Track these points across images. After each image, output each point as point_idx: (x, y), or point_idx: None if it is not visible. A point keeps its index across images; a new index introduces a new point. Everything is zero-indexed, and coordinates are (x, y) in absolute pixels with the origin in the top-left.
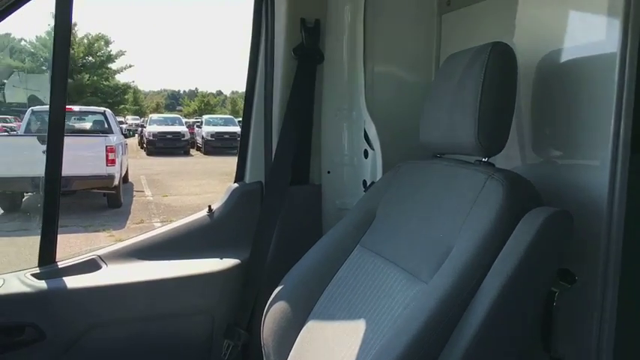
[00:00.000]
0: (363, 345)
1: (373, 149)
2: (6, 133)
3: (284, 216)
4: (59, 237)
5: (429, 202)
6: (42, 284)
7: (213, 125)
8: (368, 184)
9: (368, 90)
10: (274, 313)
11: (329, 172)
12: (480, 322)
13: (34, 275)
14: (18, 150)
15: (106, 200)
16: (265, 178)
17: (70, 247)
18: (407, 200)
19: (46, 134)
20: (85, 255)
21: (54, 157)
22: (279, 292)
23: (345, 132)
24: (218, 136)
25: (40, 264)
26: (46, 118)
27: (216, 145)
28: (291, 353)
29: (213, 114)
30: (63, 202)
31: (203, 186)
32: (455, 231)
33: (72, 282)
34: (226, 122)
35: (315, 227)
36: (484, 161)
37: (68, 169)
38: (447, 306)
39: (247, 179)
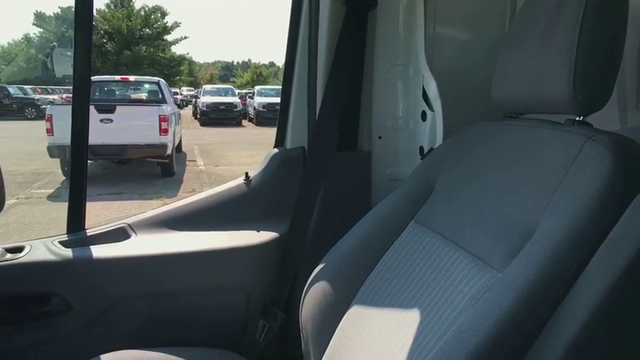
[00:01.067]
0: (417, 340)
1: (433, 110)
2: (68, 104)
3: (328, 186)
4: (116, 203)
5: (503, 172)
6: (69, 252)
7: (265, 96)
8: (425, 151)
9: (428, 41)
10: (314, 294)
11: (380, 138)
12: (580, 327)
13: (61, 243)
14: None
15: (160, 169)
16: (308, 144)
17: (126, 213)
18: (474, 170)
19: (105, 103)
20: (115, 223)
21: (79, 125)
22: (320, 270)
23: (400, 91)
24: (269, 107)
25: (69, 231)
26: (105, 88)
27: (268, 116)
28: (331, 341)
29: (266, 85)
30: (120, 169)
31: (254, 156)
32: (539, 207)
33: (100, 251)
34: (278, 93)
35: (362, 199)
36: (579, 120)
37: (123, 137)
38: (532, 302)
39: (288, 144)
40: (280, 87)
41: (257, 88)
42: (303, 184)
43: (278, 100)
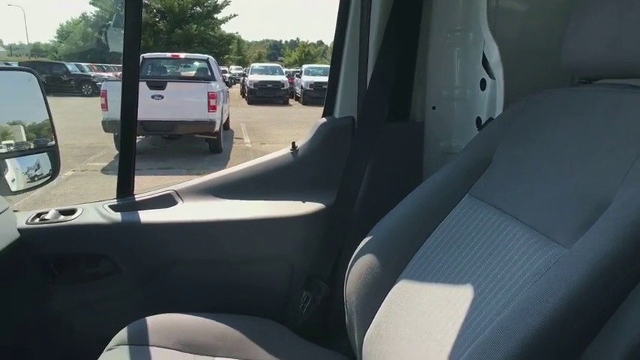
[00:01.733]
0: (470, 316)
1: (493, 78)
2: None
3: (377, 157)
4: (165, 177)
5: (574, 141)
6: (118, 216)
7: (313, 75)
8: (483, 122)
9: (491, 5)
10: (360, 267)
11: (434, 108)
12: None
13: (111, 207)
14: None
15: (208, 145)
16: (358, 113)
17: None
18: (539, 140)
19: (156, 80)
20: (162, 190)
21: (129, 96)
22: (367, 243)
23: (457, 59)
24: (317, 86)
25: (118, 196)
26: (157, 65)
27: (315, 95)
28: (376, 316)
29: (313, 64)
30: (169, 145)
31: (300, 135)
32: (616, 177)
33: (147, 216)
34: (325, 72)
35: (413, 172)
36: None
37: (173, 114)
38: (607, 278)
39: (337, 114)
40: (328, 66)
41: (304, 66)
42: (351, 155)
43: (325, 79)
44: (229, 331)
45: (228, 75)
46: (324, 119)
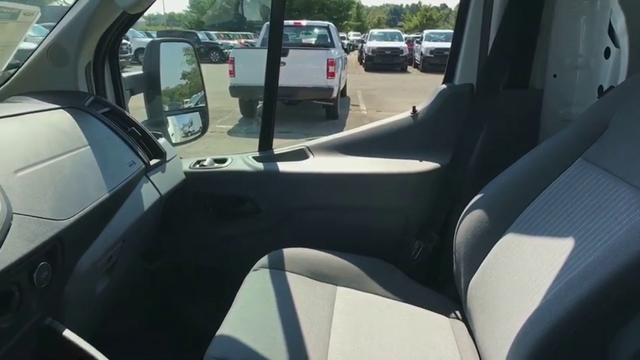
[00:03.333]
0: (567, 263)
1: (618, 47)
2: (247, 48)
3: (494, 123)
4: (285, 141)
5: None
6: (260, 165)
7: (434, 41)
8: (605, 90)
9: None
10: (470, 220)
11: (555, 76)
12: None
13: (254, 158)
14: (253, 61)
15: (325, 112)
16: (477, 80)
17: None
18: None
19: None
20: (296, 145)
21: (273, 61)
22: (479, 199)
23: (582, 27)
24: (438, 52)
25: (260, 149)
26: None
27: (435, 62)
28: (482, 264)
29: (435, 29)
30: (289, 110)
31: (416, 103)
32: None
33: (284, 166)
34: (448, 38)
35: (529, 138)
36: None
37: (294, 80)
38: None
39: (457, 80)
40: (450, 31)
41: (425, 32)
42: (468, 120)
43: (447, 45)
44: (349, 267)
45: (346, 42)
46: (443, 85)
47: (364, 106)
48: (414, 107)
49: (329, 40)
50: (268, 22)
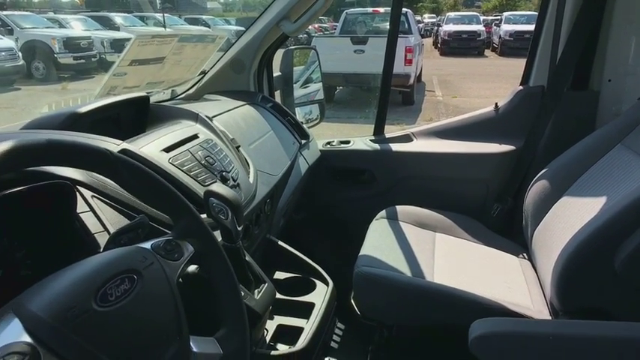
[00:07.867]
0: (596, 216)
1: None
2: (321, 33)
3: (559, 117)
4: (364, 126)
5: None
6: (376, 145)
7: (514, 23)
8: None
9: None
10: (537, 187)
11: (609, 81)
12: None
13: (371, 140)
14: (332, 49)
15: (401, 98)
16: (547, 82)
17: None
18: None
19: (359, 36)
20: (403, 131)
21: (389, 54)
22: (544, 172)
23: (633, 40)
24: (518, 35)
25: (374, 133)
26: (357, 20)
27: (514, 46)
28: (544, 218)
29: (516, 11)
30: (366, 97)
31: (493, 89)
32: None
33: (394, 147)
34: (529, 20)
35: (586, 128)
36: None
37: (372, 67)
38: None
39: (531, 82)
40: (532, 13)
41: (505, 14)
42: (538, 114)
43: (528, 27)
44: (444, 219)
45: (421, 25)
46: (520, 87)
47: (439, 91)
48: (496, 103)
49: (407, 27)
50: (347, 10)
